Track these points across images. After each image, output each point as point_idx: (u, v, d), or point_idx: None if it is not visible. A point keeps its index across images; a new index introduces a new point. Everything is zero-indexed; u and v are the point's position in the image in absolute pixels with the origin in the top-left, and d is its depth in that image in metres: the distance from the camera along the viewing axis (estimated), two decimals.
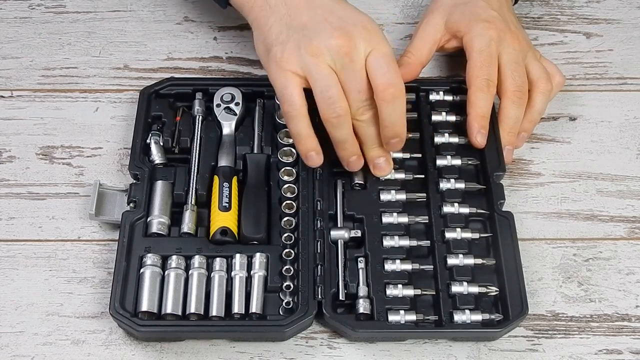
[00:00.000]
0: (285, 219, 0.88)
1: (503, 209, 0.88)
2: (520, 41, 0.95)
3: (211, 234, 0.86)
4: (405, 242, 0.87)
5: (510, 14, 0.98)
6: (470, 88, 0.92)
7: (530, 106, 0.94)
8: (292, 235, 0.86)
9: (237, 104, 0.94)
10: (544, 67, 0.96)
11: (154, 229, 0.86)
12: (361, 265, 0.86)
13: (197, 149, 0.92)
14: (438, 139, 0.93)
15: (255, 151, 0.93)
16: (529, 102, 0.94)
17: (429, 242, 0.87)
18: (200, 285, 0.84)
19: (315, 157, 0.85)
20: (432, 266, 0.86)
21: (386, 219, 0.88)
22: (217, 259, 0.85)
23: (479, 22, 0.94)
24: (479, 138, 0.91)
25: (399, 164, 0.92)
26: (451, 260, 0.86)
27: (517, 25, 0.98)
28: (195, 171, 0.90)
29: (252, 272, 0.84)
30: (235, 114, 0.94)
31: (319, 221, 0.87)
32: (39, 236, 0.90)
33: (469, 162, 0.93)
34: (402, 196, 0.89)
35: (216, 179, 0.89)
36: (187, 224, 0.87)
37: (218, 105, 0.94)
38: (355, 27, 0.82)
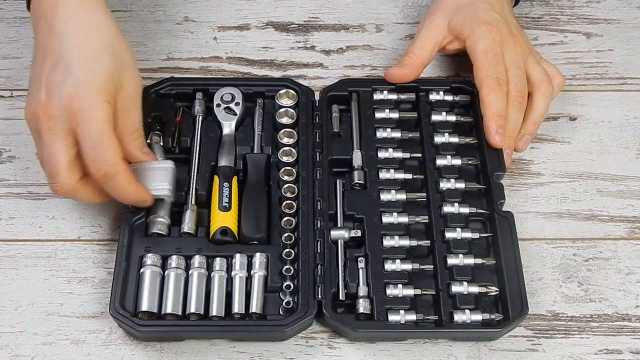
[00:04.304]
0: (285, 219, 0.88)
1: (503, 209, 0.88)
2: (521, 45, 0.95)
3: (211, 234, 0.86)
4: (405, 242, 0.87)
5: (511, 17, 0.98)
6: (482, 89, 0.92)
7: (533, 109, 0.94)
8: (292, 235, 0.86)
9: (237, 104, 0.94)
10: (544, 69, 0.96)
11: (154, 229, 0.86)
12: (361, 265, 0.86)
13: (197, 149, 0.92)
14: (438, 139, 0.93)
15: (255, 151, 0.93)
16: (531, 105, 0.94)
17: (429, 242, 0.87)
18: (200, 285, 0.84)
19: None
20: (432, 266, 0.86)
21: (386, 219, 0.88)
22: (217, 258, 0.85)
23: (481, 25, 0.94)
24: (497, 138, 0.91)
25: (398, 164, 0.92)
26: (451, 260, 0.86)
27: (518, 29, 0.98)
28: (195, 171, 0.90)
29: (252, 272, 0.84)
30: (235, 114, 0.94)
31: (319, 221, 0.87)
32: (39, 236, 0.90)
33: (469, 162, 0.93)
34: (402, 196, 0.89)
35: (216, 179, 0.89)
36: (187, 224, 0.87)
37: (218, 105, 0.94)
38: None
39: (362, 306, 0.83)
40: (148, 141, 0.92)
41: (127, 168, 0.81)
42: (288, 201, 0.89)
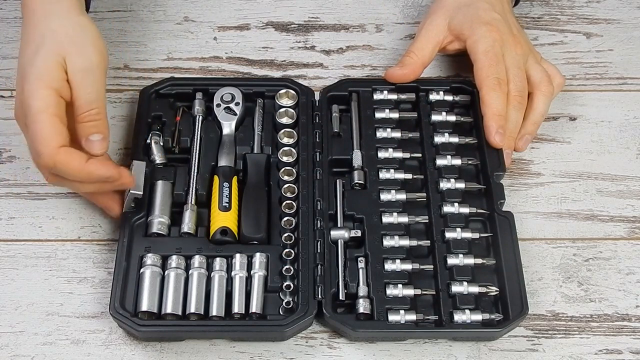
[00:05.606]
0: (285, 219, 0.88)
1: (503, 209, 0.88)
2: (522, 45, 0.95)
3: (211, 234, 0.86)
4: (405, 242, 0.87)
5: (511, 17, 0.98)
6: (482, 89, 0.92)
7: (533, 108, 0.94)
8: (292, 235, 0.86)
9: (237, 104, 0.94)
10: (544, 69, 0.96)
11: (154, 228, 0.86)
12: (361, 265, 0.86)
13: (197, 149, 0.92)
14: (438, 139, 0.93)
15: (255, 151, 0.93)
16: (531, 105, 0.94)
17: (429, 242, 0.87)
18: (200, 285, 0.84)
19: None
20: (432, 266, 0.86)
21: (386, 219, 0.88)
22: (217, 258, 0.85)
23: (481, 25, 0.94)
24: (497, 138, 0.90)
25: (399, 164, 0.92)
26: (451, 260, 0.86)
27: (519, 29, 0.98)
28: (195, 171, 0.90)
29: (252, 272, 0.84)
30: (235, 114, 0.94)
31: (319, 221, 0.87)
32: (39, 236, 0.90)
33: (469, 162, 0.93)
34: (402, 196, 0.89)
35: (216, 179, 0.89)
36: (187, 224, 0.87)
37: (218, 105, 0.94)
38: None
39: (362, 306, 0.83)
40: (148, 141, 0.92)
41: (69, 155, 0.78)
42: (288, 201, 0.89)
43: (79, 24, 0.83)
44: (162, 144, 0.92)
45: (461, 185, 0.91)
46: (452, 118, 0.95)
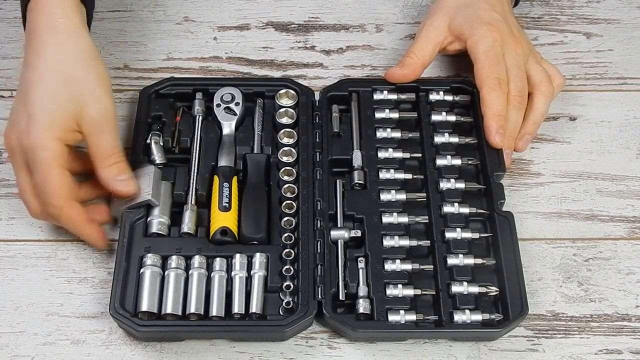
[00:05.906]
0: (285, 219, 0.88)
1: (503, 209, 0.88)
2: (522, 45, 0.95)
3: (211, 234, 0.86)
4: (405, 242, 0.87)
5: (511, 17, 0.98)
6: (483, 89, 0.92)
7: (533, 109, 0.94)
8: (292, 235, 0.86)
9: (237, 104, 0.94)
10: (544, 69, 0.96)
11: (154, 229, 0.86)
12: (361, 265, 0.86)
13: (197, 149, 0.92)
14: (438, 139, 0.93)
15: (255, 151, 0.93)
16: (531, 105, 0.94)
17: (429, 242, 0.87)
18: (200, 285, 0.84)
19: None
20: (432, 266, 0.86)
21: (386, 219, 0.88)
22: (217, 259, 0.85)
23: (482, 25, 0.94)
24: (497, 138, 0.91)
25: (399, 164, 0.92)
26: (451, 260, 0.86)
27: (519, 29, 0.98)
28: (195, 171, 0.90)
29: (252, 272, 0.84)
30: (235, 114, 0.94)
31: (319, 221, 0.87)
32: (39, 236, 0.90)
33: (469, 162, 0.93)
34: (402, 196, 0.89)
35: (216, 179, 0.89)
36: (187, 224, 0.87)
37: (218, 105, 0.94)
38: None
39: (362, 306, 0.83)
40: (148, 141, 0.92)
41: (74, 209, 0.82)
42: (288, 201, 0.89)
43: (96, 70, 0.84)
44: (162, 144, 0.92)
45: (461, 185, 0.91)
46: (452, 118, 0.95)
